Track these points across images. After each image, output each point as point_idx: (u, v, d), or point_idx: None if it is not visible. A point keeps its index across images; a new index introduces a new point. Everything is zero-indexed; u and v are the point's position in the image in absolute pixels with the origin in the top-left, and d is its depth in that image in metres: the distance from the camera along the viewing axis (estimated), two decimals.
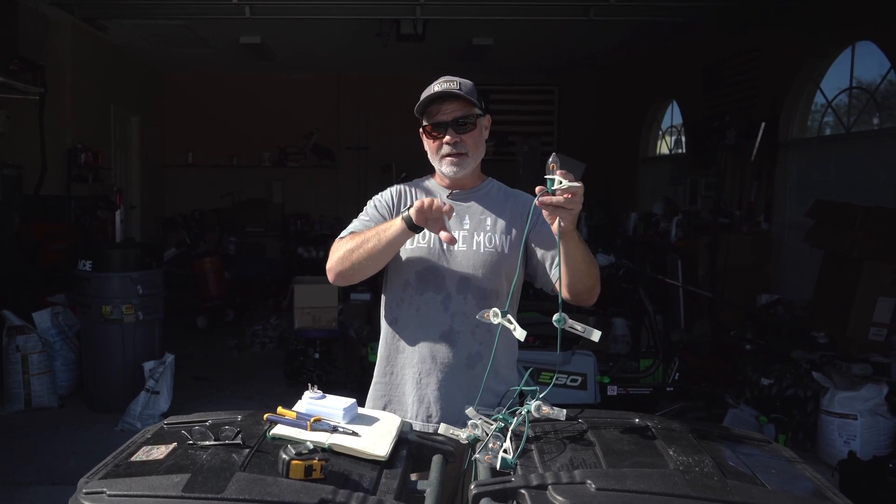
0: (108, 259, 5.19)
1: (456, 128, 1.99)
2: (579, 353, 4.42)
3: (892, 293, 4.99)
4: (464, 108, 1.99)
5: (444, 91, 1.96)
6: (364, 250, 1.91)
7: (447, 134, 1.99)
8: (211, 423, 1.57)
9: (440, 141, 2.00)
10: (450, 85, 1.98)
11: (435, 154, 2.04)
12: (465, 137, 2.00)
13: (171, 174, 11.06)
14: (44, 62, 6.71)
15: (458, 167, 2.01)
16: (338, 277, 1.98)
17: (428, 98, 1.98)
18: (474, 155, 2.03)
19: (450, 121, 1.98)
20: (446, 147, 2.00)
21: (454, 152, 2.00)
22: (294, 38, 8.67)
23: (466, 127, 1.99)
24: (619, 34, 8.33)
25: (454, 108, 1.98)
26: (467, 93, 1.97)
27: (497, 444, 1.52)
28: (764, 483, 1.38)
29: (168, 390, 4.98)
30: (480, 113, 2.03)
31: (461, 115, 1.98)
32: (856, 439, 4.17)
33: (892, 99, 5.79)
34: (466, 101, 1.98)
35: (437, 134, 2.01)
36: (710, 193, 7.53)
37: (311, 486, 1.28)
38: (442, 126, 1.99)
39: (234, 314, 8.20)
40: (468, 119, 1.99)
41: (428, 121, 2.02)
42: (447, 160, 2.01)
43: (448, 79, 2.01)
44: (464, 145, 2.00)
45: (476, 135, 2.02)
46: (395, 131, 9.15)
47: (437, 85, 2.00)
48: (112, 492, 1.27)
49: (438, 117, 1.99)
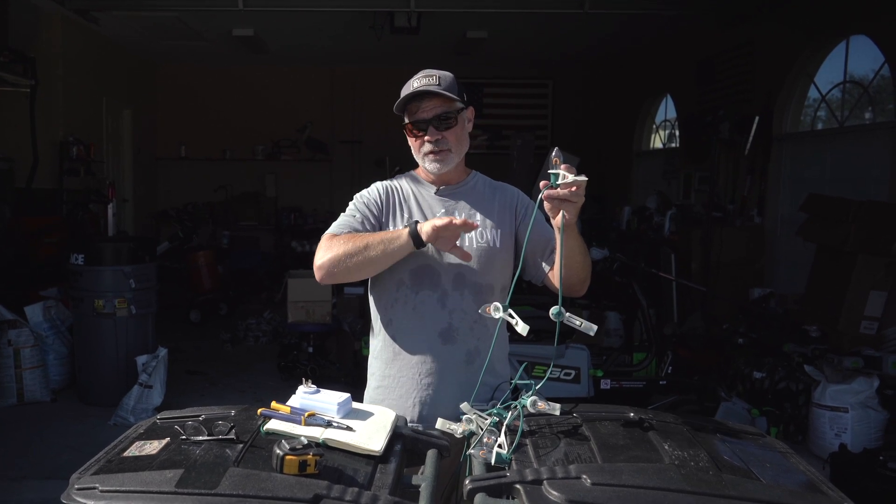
0: (100, 253, 5.16)
1: (437, 125, 1.96)
2: (573, 347, 4.43)
3: (885, 287, 5.01)
4: (444, 104, 1.96)
5: (422, 89, 1.94)
6: (364, 257, 1.87)
7: (428, 132, 1.97)
8: (204, 418, 1.56)
9: (422, 139, 1.99)
10: (428, 80, 1.95)
11: (418, 151, 2.02)
12: (447, 134, 1.98)
13: (163, 167, 11.01)
14: (34, 54, 6.65)
15: (441, 164, 1.99)
16: (327, 276, 1.92)
17: (407, 96, 1.95)
18: (457, 150, 2.01)
19: (430, 118, 1.96)
20: (428, 145, 1.98)
21: (436, 149, 1.98)
22: (287, 31, 8.62)
23: (448, 122, 1.97)
24: (613, 28, 8.31)
25: (434, 104, 1.95)
26: (447, 88, 1.94)
27: (491, 439, 1.52)
28: (759, 477, 1.38)
29: (161, 384, 4.97)
30: (462, 107, 2.00)
31: (441, 111, 1.96)
32: (847, 432, 4.20)
33: (886, 93, 5.80)
34: (447, 97, 1.95)
35: (419, 132, 1.99)
36: (704, 187, 7.55)
37: (306, 482, 1.28)
38: (423, 124, 1.97)
39: (227, 308, 8.18)
40: (449, 115, 1.97)
41: (409, 118, 2.00)
42: (430, 157, 1.99)
43: (427, 73, 1.98)
44: (446, 142, 1.98)
45: (458, 130, 2.00)
46: (388, 125, 9.05)
47: (415, 81, 1.97)
48: (104, 487, 1.26)
49: (419, 115, 1.97)
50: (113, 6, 7.29)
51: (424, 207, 2.04)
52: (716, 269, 6.07)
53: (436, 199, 2.05)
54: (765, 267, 6.75)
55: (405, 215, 2.02)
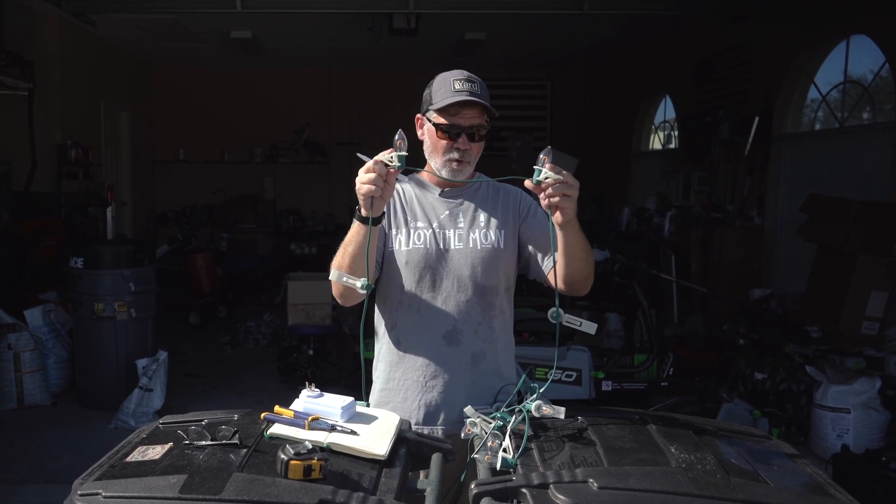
0: (99, 256, 5.15)
1: (470, 135, 1.93)
2: (574, 349, 4.42)
3: (885, 287, 5.01)
4: (481, 116, 1.93)
5: (472, 98, 1.89)
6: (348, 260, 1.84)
7: (460, 139, 1.93)
8: (207, 423, 1.55)
9: (450, 143, 1.94)
10: (472, 87, 1.90)
11: (440, 153, 1.96)
12: (474, 146, 1.96)
13: (161, 170, 10.98)
14: (32, 57, 6.64)
15: (460, 173, 1.97)
16: (340, 298, 1.93)
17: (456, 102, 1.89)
18: (474, 162, 2.00)
19: (467, 127, 1.92)
20: (456, 152, 1.94)
21: (461, 159, 1.95)
22: (285, 33, 8.62)
23: (481, 135, 1.95)
24: (611, 28, 8.31)
25: (473, 114, 1.92)
26: (487, 100, 1.92)
27: (496, 443, 1.51)
28: (766, 480, 1.38)
29: (161, 387, 4.95)
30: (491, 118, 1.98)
31: (478, 123, 1.93)
32: (849, 433, 4.18)
33: (886, 93, 5.80)
34: (485, 109, 1.93)
35: (451, 136, 1.93)
36: (703, 188, 7.54)
37: (311, 487, 1.27)
38: (457, 130, 1.93)
39: (226, 310, 8.17)
40: (482, 129, 1.95)
41: (445, 118, 1.93)
42: (452, 164, 1.95)
43: (469, 77, 1.92)
44: (470, 154, 1.96)
45: (482, 144, 1.99)
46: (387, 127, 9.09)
47: (458, 83, 1.90)
48: (108, 493, 1.25)
49: (457, 119, 1.91)
50: (110, 8, 7.27)
51: (428, 209, 2.02)
52: (716, 270, 6.07)
53: (440, 201, 2.04)
54: (765, 267, 6.74)
55: (408, 218, 2.01)
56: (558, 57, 10.23)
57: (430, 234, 1.97)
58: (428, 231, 1.98)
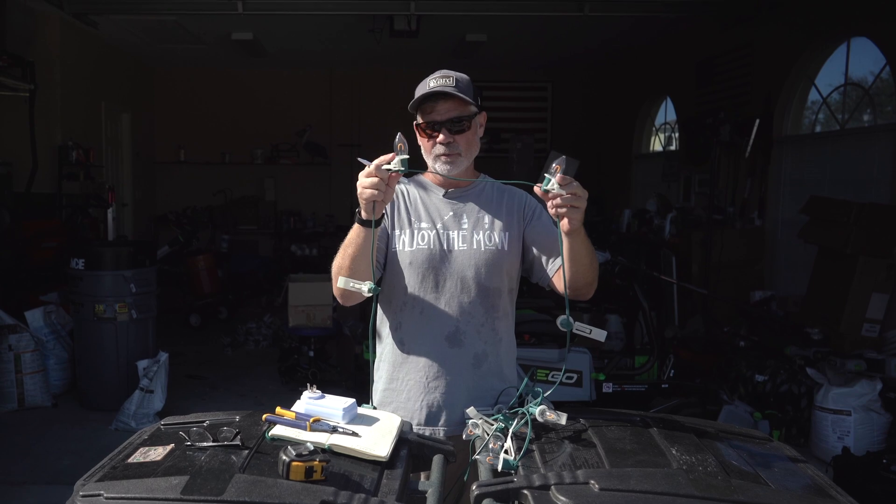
0: (100, 257, 5.15)
1: (450, 128, 1.94)
2: (575, 351, 4.41)
3: (886, 289, 5.01)
4: (459, 107, 1.94)
5: (439, 90, 1.91)
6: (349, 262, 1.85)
7: (441, 134, 1.94)
8: (209, 424, 1.55)
9: (434, 140, 1.96)
10: (445, 81, 1.92)
11: (429, 152, 2.00)
12: (459, 138, 1.95)
13: (162, 171, 11.00)
14: (33, 58, 6.64)
15: (451, 166, 1.97)
16: (342, 299, 1.93)
17: (423, 96, 1.93)
18: (468, 154, 2.00)
19: (444, 121, 1.94)
20: (440, 147, 1.95)
21: (447, 153, 1.96)
22: (286, 34, 8.62)
23: (461, 126, 1.95)
24: (612, 30, 8.31)
25: (449, 107, 1.94)
26: (463, 91, 1.92)
27: (498, 445, 1.51)
28: (767, 481, 1.38)
29: (162, 389, 4.95)
30: (476, 111, 1.99)
31: (456, 115, 1.94)
32: (849, 435, 4.19)
33: (886, 95, 5.80)
34: (462, 100, 1.93)
35: (431, 133, 1.96)
36: (704, 190, 7.55)
37: (312, 488, 1.27)
38: (436, 125, 1.95)
39: (227, 312, 8.17)
40: (462, 119, 1.95)
41: (422, 118, 1.97)
42: (441, 159, 1.97)
43: (444, 73, 1.95)
44: (457, 146, 1.96)
45: (470, 135, 1.98)
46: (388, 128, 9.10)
47: (432, 80, 1.94)
48: (109, 494, 1.25)
49: (433, 116, 1.94)
50: (112, 10, 7.28)
51: (432, 211, 2.02)
52: (716, 272, 6.07)
53: (443, 203, 2.04)
54: (765, 269, 6.74)
55: (412, 219, 2.01)
56: (559, 58, 10.23)
57: (434, 235, 1.98)
58: (432, 232, 1.98)
